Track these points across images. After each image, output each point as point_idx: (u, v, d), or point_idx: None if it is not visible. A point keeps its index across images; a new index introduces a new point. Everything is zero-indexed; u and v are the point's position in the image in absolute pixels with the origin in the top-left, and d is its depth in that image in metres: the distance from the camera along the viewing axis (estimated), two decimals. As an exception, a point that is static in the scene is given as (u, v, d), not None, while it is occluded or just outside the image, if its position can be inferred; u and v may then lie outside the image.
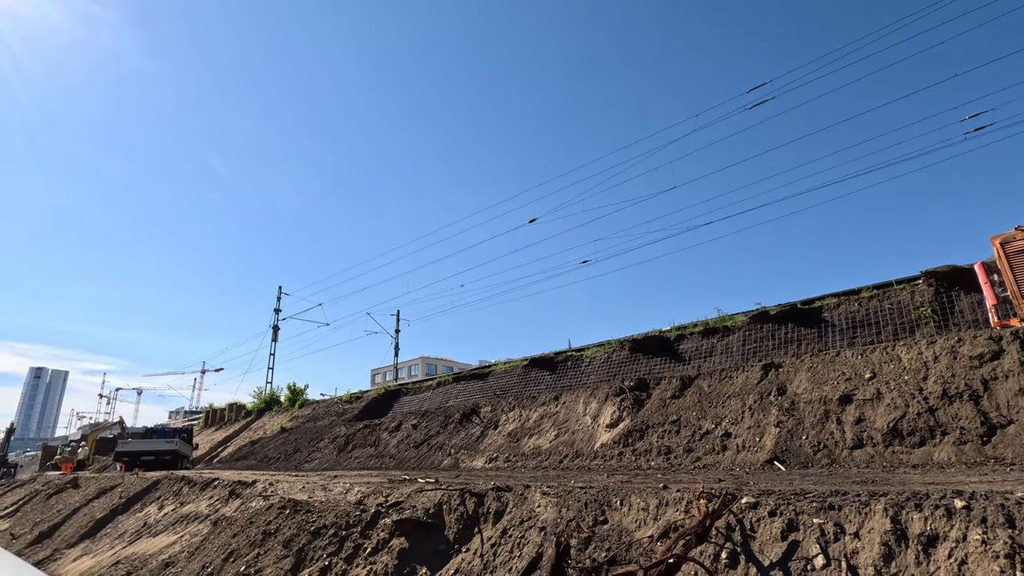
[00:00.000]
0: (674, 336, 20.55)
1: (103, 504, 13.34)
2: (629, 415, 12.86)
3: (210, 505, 10.10)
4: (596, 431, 13.02)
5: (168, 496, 11.84)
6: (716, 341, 19.19)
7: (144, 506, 12.05)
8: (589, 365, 21.79)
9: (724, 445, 10.30)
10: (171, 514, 10.71)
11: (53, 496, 17.24)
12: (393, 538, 6.18)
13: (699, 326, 20.27)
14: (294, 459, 22.33)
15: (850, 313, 17.11)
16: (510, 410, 16.26)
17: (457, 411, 17.82)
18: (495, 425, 15.89)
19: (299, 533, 6.77)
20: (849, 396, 9.65)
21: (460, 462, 14.81)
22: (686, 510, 4.94)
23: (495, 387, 24.24)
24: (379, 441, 19.03)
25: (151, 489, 12.86)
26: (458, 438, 16.16)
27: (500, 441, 14.91)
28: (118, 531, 11.31)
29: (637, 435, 11.91)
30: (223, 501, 9.99)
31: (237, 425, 44.26)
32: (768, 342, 17.91)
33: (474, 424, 16.49)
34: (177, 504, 11.09)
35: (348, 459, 19.21)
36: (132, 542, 10.25)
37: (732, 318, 19.68)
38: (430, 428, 17.80)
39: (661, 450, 11.06)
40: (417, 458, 16.35)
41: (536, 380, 22.61)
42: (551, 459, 12.76)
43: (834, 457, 8.70)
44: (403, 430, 18.89)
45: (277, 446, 25.52)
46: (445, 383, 28.49)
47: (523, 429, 14.89)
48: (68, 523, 13.40)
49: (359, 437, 20.38)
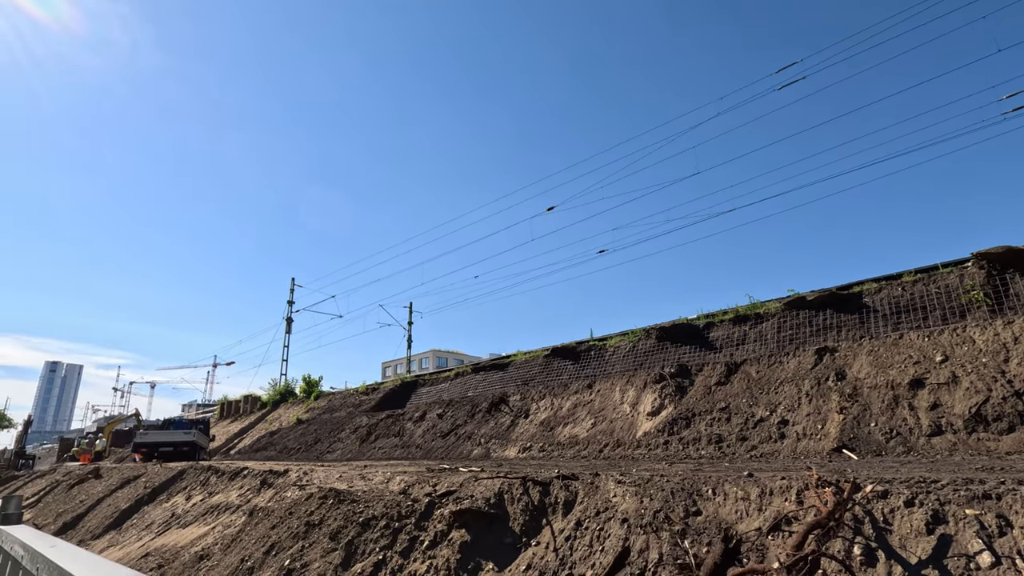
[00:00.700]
0: (703, 324, 19.91)
1: (127, 494, 12.98)
2: (672, 403, 12.28)
3: (241, 495, 9.66)
4: (636, 419, 12.46)
5: (195, 486, 11.44)
6: (748, 328, 18.53)
7: (170, 496, 11.66)
8: (613, 355, 21.22)
9: (782, 433, 9.69)
10: (200, 505, 10.29)
11: (75, 486, 16.97)
12: (452, 530, 5.66)
13: (729, 313, 19.64)
14: (315, 450, 21.98)
15: (893, 298, 16.36)
16: (540, 399, 15.73)
17: (484, 400, 17.33)
18: (526, 414, 15.37)
19: (346, 525, 6.27)
20: (920, 380, 9.01)
21: (491, 451, 14.31)
22: (798, 500, 4.36)
23: (516, 377, 23.74)
24: (403, 431, 18.59)
25: (177, 479, 12.47)
26: (487, 427, 15.67)
27: (532, 430, 14.40)
28: (145, 522, 10.92)
29: (683, 423, 11.33)
30: (255, 491, 9.54)
31: (252, 417, 44.17)
32: (805, 329, 17.23)
33: (503, 413, 15.99)
34: (205, 494, 10.67)
35: (371, 449, 18.80)
36: (160, 533, 9.84)
37: (764, 305, 19.01)
38: (456, 418, 17.32)
39: (711, 438, 10.48)
40: (445, 448, 15.88)
41: (559, 370, 22.08)
42: (590, 448, 12.23)
43: (910, 445, 8.08)
44: (428, 420, 18.43)
45: (296, 437, 25.20)
46: (463, 374, 28.03)
47: (556, 418, 14.37)
48: (92, 513, 13.06)
49: (382, 427, 19.96)
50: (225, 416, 48.25)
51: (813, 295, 17.71)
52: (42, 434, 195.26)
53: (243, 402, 47.32)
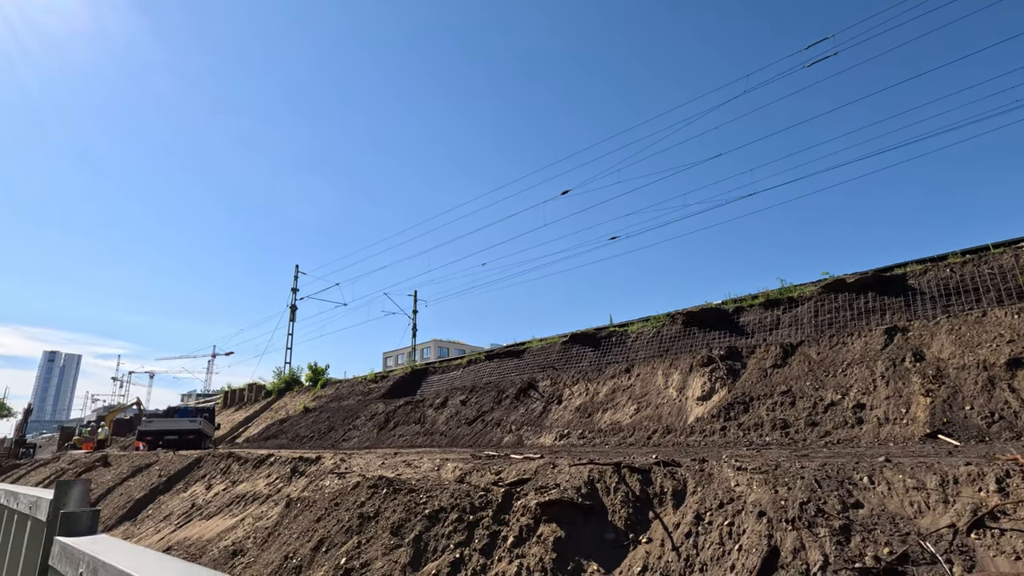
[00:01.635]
0: (732, 309, 19.11)
1: (141, 483, 12.20)
2: (724, 387, 11.49)
3: (270, 484, 8.86)
4: (685, 405, 11.67)
5: (215, 474, 10.65)
6: (781, 313, 17.75)
7: (188, 485, 10.87)
8: (636, 340, 20.45)
9: (859, 418, 8.91)
10: (223, 494, 9.49)
11: (82, 475, 16.18)
12: (541, 525, 4.85)
13: (759, 298, 18.86)
14: (329, 437, 21.23)
15: (941, 280, 15.54)
16: (573, 384, 14.95)
17: (511, 386, 16.55)
18: (558, 400, 14.59)
19: (409, 518, 5.47)
20: (1018, 360, 8.21)
21: (524, 439, 13.54)
22: (1000, 489, 3.55)
23: (533, 364, 22.98)
24: (424, 418, 17.82)
25: (194, 467, 11.68)
26: (517, 414, 14.89)
27: (568, 416, 13.62)
28: (162, 512, 10.14)
29: (740, 408, 10.55)
30: (285, 480, 8.74)
31: (257, 405, 43.46)
32: (845, 312, 16.43)
33: (533, 399, 15.21)
34: (228, 483, 9.87)
35: (390, 437, 18.04)
36: (181, 525, 9.06)
37: (799, 288, 18.22)
38: (482, 404, 16.54)
39: (776, 424, 9.70)
40: (472, 435, 15.11)
41: (578, 357, 21.30)
42: (636, 435, 11.45)
43: (1018, 429, 7.30)
44: (450, 407, 17.66)
45: (308, 424, 24.44)
46: (476, 361, 27.27)
47: (593, 404, 13.58)
48: (102, 504, 12.28)
49: (400, 414, 19.19)
50: (229, 404, 47.50)
51: (853, 277, 16.91)
52: (41, 423, 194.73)
53: (248, 390, 46.57)
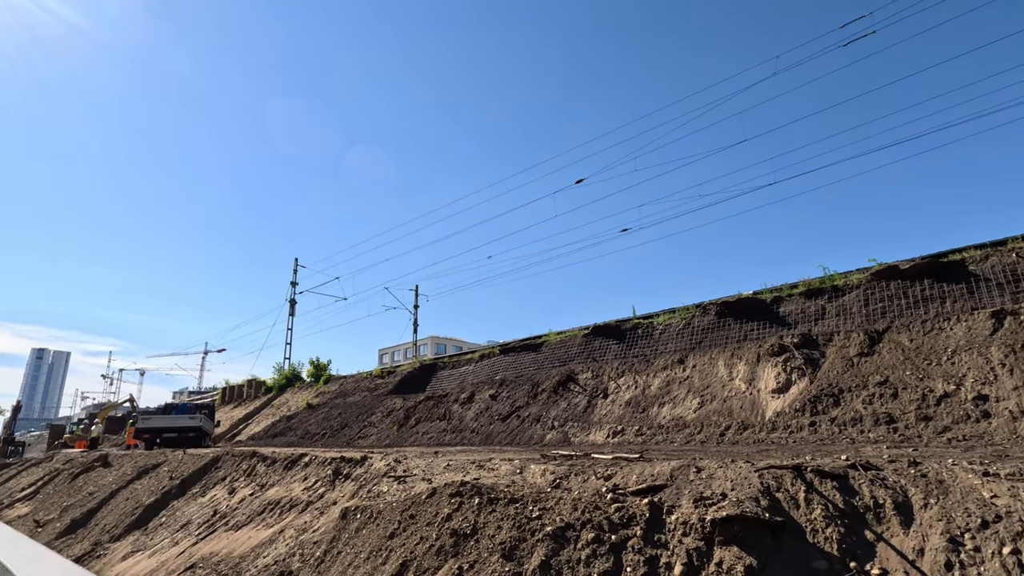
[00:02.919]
0: (770, 298, 18.01)
1: (149, 486, 10.91)
2: (802, 377, 10.38)
3: (308, 489, 7.63)
4: (758, 398, 10.55)
5: (238, 477, 9.39)
6: (825, 302, 16.67)
7: (206, 490, 9.60)
8: (664, 333, 19.34)
9: (984, 411, 7.81)
10: (250, 500, 8.25)
11: (80, 476, 14.86)
12: (716, 548, 3.68)
13: (799, 287, 17.81)
14: (343, 435, 19.98)
15: (1006, 265, 14.43)
16: (619, 376, 13.80)
17: (546, 379, 15.38)
18: (603, 394, 13.44)
19: (523, 537, 4.28)
20: None
21: (570, 436, 12.38)
22: None
23: (552, 358, 21.82)
24: (450, 414, 16.61)
25: (210, 468, 10.41)
26: (557, 409, 13.72)
27: (618, 411, 12.47)
28: (178, 521, 8.87)
29: (829, 400, 9.43)
30: (326, 483, 7.52)
31: (257, 402, 42.09)
32: (899, 301, 15.34)
33: (573, 393, 14.05)
34: (255, 487, 8.63)
35: (412, 434, 16.83)
36: (204, 537, 7.81)
37: (845, 276, 17.16)
38: (515, 399, 15.36)
39: (879, 418, 8.58)
40: (508, 432, 13.93)
41: (601, 350, 20.16)
42: (706, 431, 10.31)
43: None
44: (478, 402, 16.47)
45: (319, 421, 23.16)
46: (490, 356, 26.08)
47: (645, 397, 12.44)
48: (106, 509, 11.00)
49: (422, 410, 17.97)
50: (228, 401, 46.04)
51: (907, 264, 15.85)
52: (29, 421, 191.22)
53: (247, 387, 45.13)
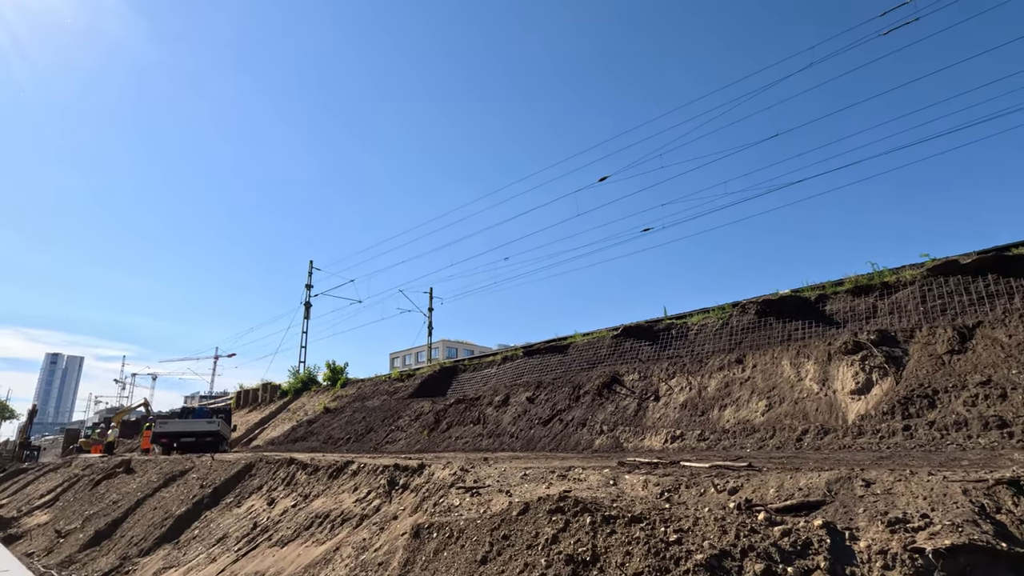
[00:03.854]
0: (814, 296, 17.15)
1: (178, 495, 10.22)
2: (885, 377, 9.52)
3: (361, 501, 6.89)
4: (835, 399, 9.69)
5: (277, 485, 8.67)
6: (874, 300, 15.80)
7: (241, 499, 8.89)
8: (699, 333, 18.53)
9: (1119, 414, 6.93)
10: (294, 512, 7.52)
11: (101, 483, 14.23)
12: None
13: (844, 284, 16.94)
14: (369, 439, 19.27)
15: (1080, 258, 13.53)
16: (669, 378, 12.98)
17: (588, 382, 14.60)
18: (655, 396, 12.62)
19: (667, 567, 3.50)
20: None
21: (622, 441, 11.58)
22: None
23: (579, 360, 21.05)
24: (484, 418, 15.85)
25: (243, 476, 9.70)
26: (605, 412, 12.92)
27: (673, 415, 11.65)
28: (213, 534, 8.16)
29: (923, 403, 8.57)
30: (381, 495, 6.77)
31: (273, 406, 41.59)
32: (960, 297, 14.42)
33: (620, 395, 13.25)
34: (297, 497, 7.90)
35: (445, 439, 16.08)
36: (245, 553, 7.08)
37: (896, 273, 16.25)
38: (555, 402, 14.58)
39: (987, 422, 7.72)
40: (551, 437, 13.14)
41: (633, 351, 19.37)
42: (779, 436, 9.47)
43: None
44: (514, 405, 15.70)
45: (342, 426, 22.48)
46: (513, 358, 25.34)
47: (702, 399, 11.62)
48: (132, 519, 10.32)
49: (453, 414, 17.23)
50: (242, 405, 45.56)
51: (969, 259, 14.93)
52: (43, 426, 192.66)
53: (262, 390, 44.66)
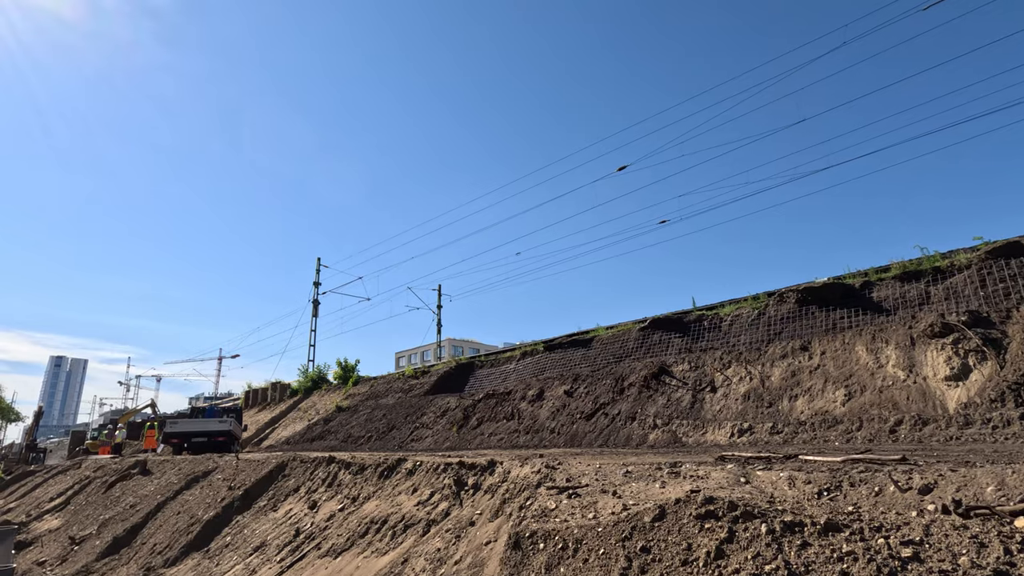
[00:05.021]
0: (859, 283, 16.21)
1: (203, 498, 9.34)
2: (984, 362, 8.61)
3: (423, 504, 6.01)
4: (928, 387, 8.79)
5: (316, 487, 7.79)
6: (925, 285, 14.83)
7: (277, 502, 8.02)
8: (732, 325, 17.62)
9: None
10: (342, 517, 6.64)
11: (115, 485, 13.38)
12: None
13: (890, 269, 16.00)
14: (392, 438, 18.41)
15: None
16: (725, 367, 12.09)
17: (631, 373, 13.71)
18: (710, 387, 11.73)
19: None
20: None
21: (680, 435, 10.69)
22: None
23: (605, 354, 20.16)
24: (519, 413, 14.98)
25: (276, 477, 8.82)
26: (656, 405, 12.03)
27: (735, 406, 10.76)
28: (248, 541, 7.29)
29: (1040, 388, 7.66)
30: (448, 497, 5.89)
31: (283, 405, 40.82)
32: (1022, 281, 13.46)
33: (670, 387, 12.36)
34: (344, 500, 7.02)
35: (476, 436, 15.21)
36: (291, 564, 6.21)
37: (949, 257, 15.29)
38: (596, 395, 13.69)
39: None
40: (598, 432, 12.26)
41: (662, 344, 18.47)
42: (868, 427, 8.57)
43: None
44: (550, 399, 14.82)
45: (361, 423, 21.63)
46: (533, 353, 24.47)
47: (767, 389, 10.73)
48: (154, 524, 9.46)
49: (483, 409, 16.36)
50: (251, 405, 44.79)
51: (1033, 238, 13.98)
52: (48, 428, 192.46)
53: (271, 390, 43.88)
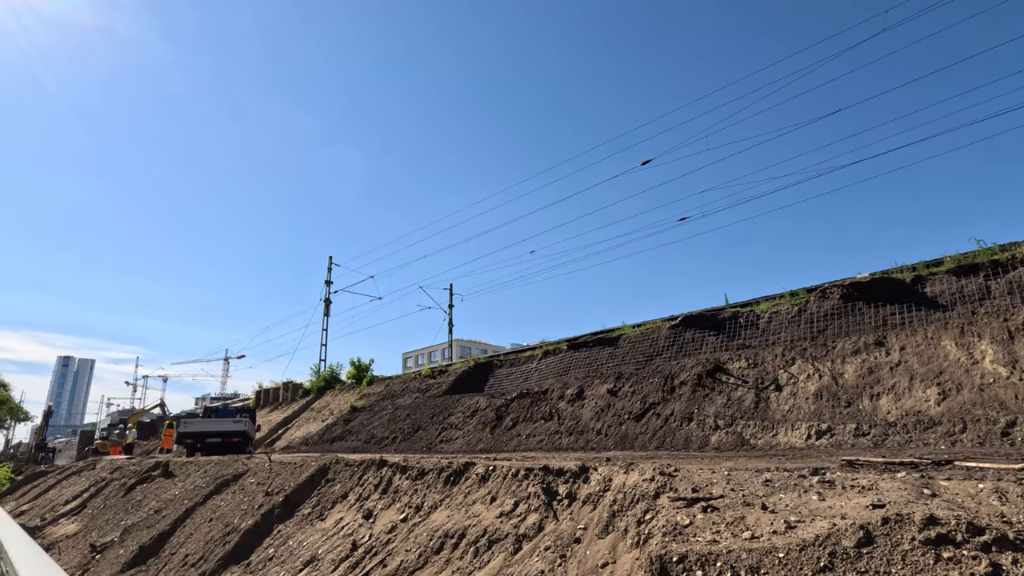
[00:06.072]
0: (910, 278, 15.33)
1: (237, 504, 8.60)
2: (1103, 357, 7.76)
3: (507, 515, 5.23)
4: (1038, 384, 7.94)
5: (369, 493, 7.02)
6: (983, 280, 13.96)
7: (324, 511, 7.26)
8: (770, 322, 16.79)
9: None
10: (406, 529, 5.87)
11: (135, 488, 12.67)
12: None
13: (943, 264, 15.14)
14: (418, 439, 17.66)
15: None
16: (788, 365, 11.27)
17: (681, 371, 12.90)
18: (774, 385, 10.91)
19: None
20: None
21: (748, 437, 9.87)
22: None
23: (632, 353, 19.35)
24: (558, 413, 14.19)
25: (318, 481, 8.06)
26: (714, 405, 11.22)
27: (807, 406, 9.94)
28: (296, 555, 6.53)
29: None
30: (539, 508, 5.11)
31: (295, 405, 40.16)
32: (1098, 273, 12.60)
33: (728, 385, 11.55)
34: (406, 509, 6.24)
35: (511, 437, 14.43)
36: (353, 582, 5.43)
37: (1010, 249, 14.40)
38: (644, 394, 12.89)
39: None
40: (651, 433, 11.46)
41: (695, 342, 17.65)
42: (975, 429, 7.75)
43: None
44: (591, 399, 14.03)
45: (384, 423, 20.89)
46: (556, 352, 23.67)
47: (842, 388, 9.91)
48: (183, 532, 8.71)
49: (517, 409, 15.59)
50: (263, 405, 44.14)
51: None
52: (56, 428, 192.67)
53: (282, 389, 43.22)
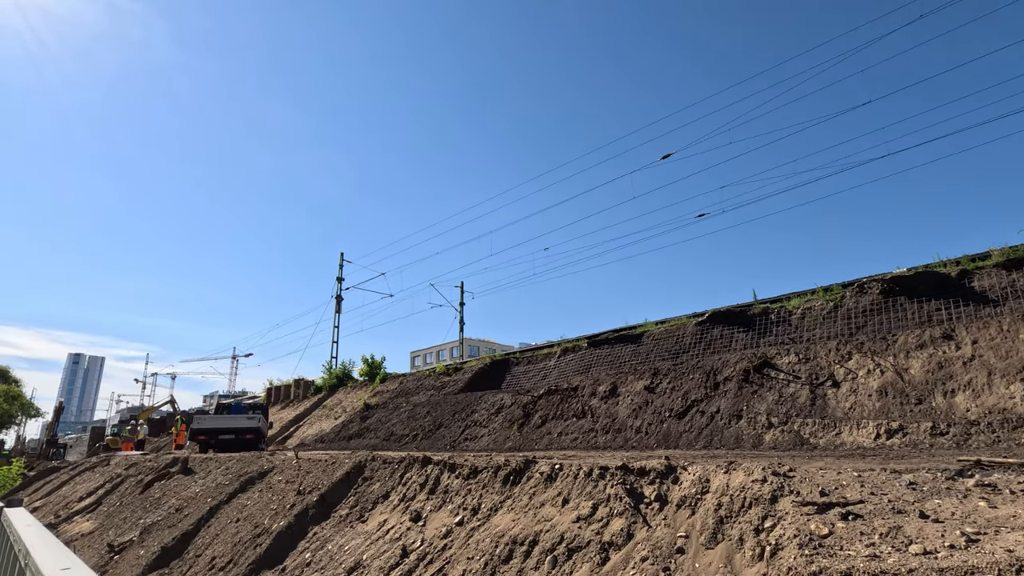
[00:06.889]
0: (955, 272, 14.61)
1: (266, 503, 8.05)
2: None
3: (585, 519, 4.64)
4: None
5: (414, 493, 6.45)
6: None
7: (364, 512, 6.69)
8: (803, 318, 16.11)
9: None
10: (464, 533, 5.29)
11: (153, 485, 12.17)
12: None
13: (990, 257, 14.43)
14: (440, 436, 17.11)
15: None
16: (844, 359, 10.61)
17: (725, 367, 12.26)
18: (831, 381, 10.25)
19: None
20: None
21: (806, 436, 9.22)
22: None
23: (657, 350, 18.72)
24: (591, 411, 13.58)
25: (355, 479, 7.50)
26: (766, 402, 10.58)
27: (871, 403, 9.28)
28: (336, 560, 5.96)
29: None
30: (624, 511, 4.51)
31: (307, 403, 39.77)
32: None
33: (779, 382, 10.90)
34: (460, 511, 5.66)
35: (543, 435, 13.84)
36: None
37: (1065, 241, 13.65)
38: (685, 390, 12.26)
39: None
40: (696, 432, 10.82)
41: (723, 339, 17.02)
42: (1072, 430, 7.06)
43: None
44: (625, 395, 13.41)
45: (403, 420, 20.35)
46: (575, 350, 23.05)
47: (908, 384, 9.24)
48: (207, 533, 8.18)
49: (546, 406, 14.99)
50: (274, 402, 43.79)
51: None
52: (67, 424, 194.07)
53: (294, 387, 42.86)
